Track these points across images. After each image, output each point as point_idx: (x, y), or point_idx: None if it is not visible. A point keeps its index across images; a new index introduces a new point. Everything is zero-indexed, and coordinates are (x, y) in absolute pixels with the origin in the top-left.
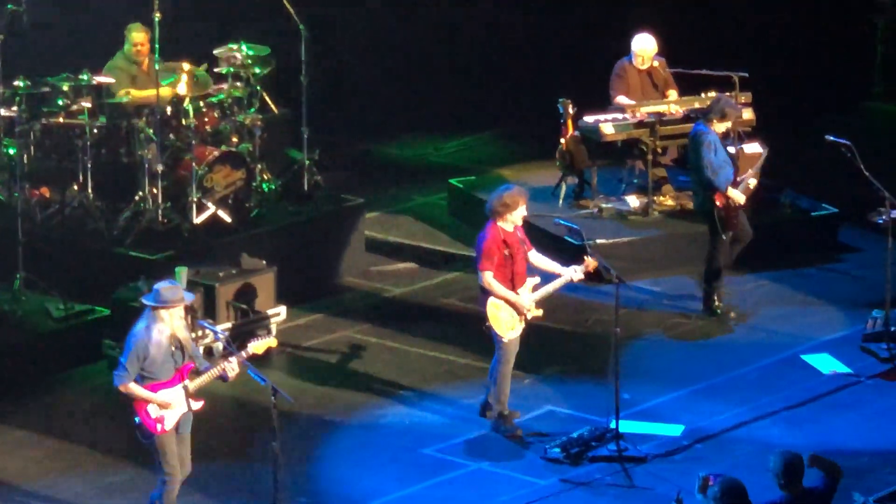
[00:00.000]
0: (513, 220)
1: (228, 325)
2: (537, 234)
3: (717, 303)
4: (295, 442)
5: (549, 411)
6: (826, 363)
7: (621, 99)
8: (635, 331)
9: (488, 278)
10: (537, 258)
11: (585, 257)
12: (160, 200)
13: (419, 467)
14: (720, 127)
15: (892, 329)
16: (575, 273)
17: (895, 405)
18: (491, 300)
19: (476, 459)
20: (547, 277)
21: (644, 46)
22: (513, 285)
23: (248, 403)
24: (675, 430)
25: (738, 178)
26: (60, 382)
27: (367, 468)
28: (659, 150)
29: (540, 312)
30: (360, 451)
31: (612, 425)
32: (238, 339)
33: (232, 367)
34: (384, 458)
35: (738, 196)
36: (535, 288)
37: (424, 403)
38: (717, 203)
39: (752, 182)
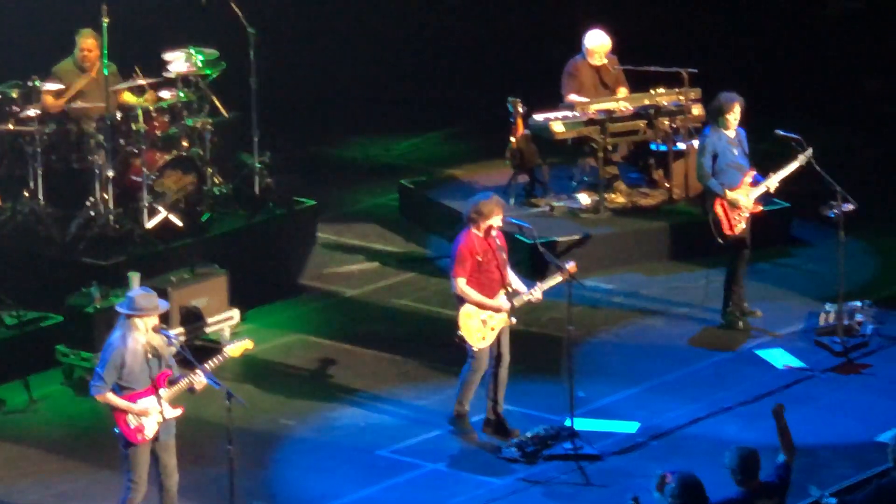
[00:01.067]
0: (488, 229)
1: (181, 329)
2: None
3: (729, 307)
4: (250, 445)
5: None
6: (780, 358)
7: (573, 97)
8: (589, 328)
9: (461, 285)
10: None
11: (562, 267)
12: (112, 206)
13: (374, 469)
14: (728, 123)
15: (846, 323)
16: (532, 294)
17: (849, 399)
18: (463, 309)
19: (432, 460)
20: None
21: (599, 43)
22: (486, 293)
23: (204, 408)
24: (630, 427)
25: (757, 179)
26: (14, 389)
27: (322, 470)
28: (609, 148)
29: (514, 321)
30: (315, 453)
31: (568, 423)
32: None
33: (199, 379)
34: (339, 460)
35: (735, 198)
36: (510, 296)
37: (379, 405)
38: (714, 207)
39: (773, 185)
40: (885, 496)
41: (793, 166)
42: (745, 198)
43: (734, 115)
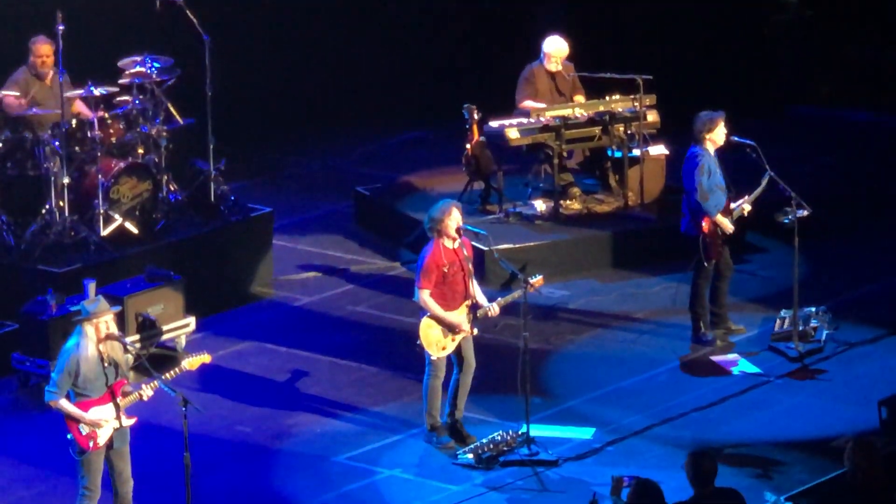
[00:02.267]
0: (450, 235)
1: (136, 337)
2: None
3: (703, 329)
4: (206, 453)
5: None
6: (735, 364)
7: (528, 103)
8: (544, 335)
9: (424, 297)
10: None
11: (531, 279)
12: (67, 213)
13: (331, 475)
14: (716, 140)
15: (801, 328)
16: (490, 308)
17: (804, 404)
18: (424, 319)
19: (388, 466)
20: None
21: (558, 48)
22: (450, 304)
23: (159, 415)
24: (585, 433)
25: (733, 205)
26: None
27: (278, 477)
28: (564, 154)
29: (475, 332)
30: (271, 460)
31: (524, 429)
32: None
33: (149, 389)
34: (296, 467)
35: (726, 224)
36: (473, 308)
37: (335, 412)
38: (704, 229)
39: (747, 208)
40: (838, 500)
41: (761, 187)
42: (730, 222)
43: (720, 132)
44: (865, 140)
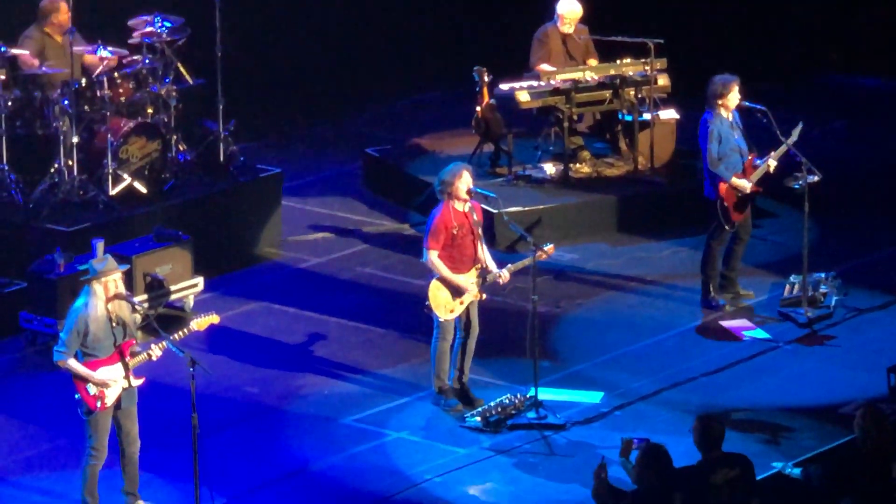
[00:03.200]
0: (460, 197)
1: (145, 297)
2: None
3: (712, 293)
4: (214, 413)
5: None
6: (745, 330)
7: (544, 66)
8: (553, 298)
9: (432, 257)
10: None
11: (544, 247)
12: (76, 172)
13: (338, 437)
14: (729, 105)
15: (810, 294)
16: (501, 275)
17: (813, 370)
18: (433, 281)
19: (395, 429)
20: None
21: (572, 9)
22: (459, 268)
23: (167, 375)
24: (594, 397)
25: (758, 161)
26: None
27: (286, 439)
28: (574, 118)
29: (484, 296)
30: (278, 421)
31: (531, 393)
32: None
33: (157, 349)
34: (303, 428)
35: (742, 185)
36: (482, 272)
37: (343, 373)
38: (721, 192)
39: (773, 164)
40: (848, 467)
41: (785, 146)
42: (748, 182)
43: (734, 96)
44: (876, 105)
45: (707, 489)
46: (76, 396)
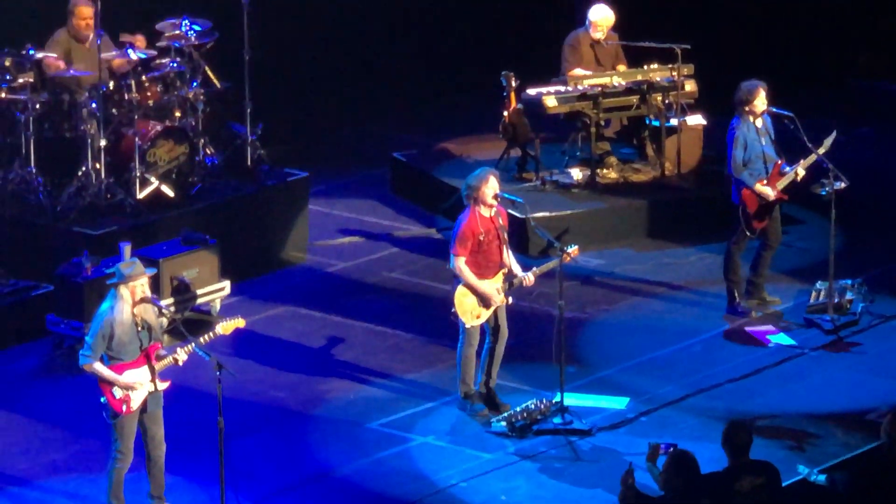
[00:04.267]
0: (486, 202)
1: (171, 300)
2: None
3: (737, 299)
4: (240, 417)
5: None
6: (771, 335)
7: (578, 71)
8: (579, 304)
9: (459, 264)
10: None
11: (568, 248)
12: (103, 176)
13: (364, 442)
14: (756, 111)
15: (836, 301)
16: (526, 278)
17: (839, 377)
18: (459, 287)
19: (421, 433)
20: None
21: (605, 16)
22: (485, 273)
23: (194, 379)
24: (619, 402)
25: (787, 168)
26: (4, 358)
27: (311, 443)
28: (602, 123)
29: (510, 301)
30: (305, 426)
31: (557, 398)
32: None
33: (183, 353)
34: (329, 432)
35: (766, 192)
36: (508, 277)
37: (369, 378)
38: (743, 198)
39: (801, 173)
40: (873, 473)
41: (816, 153)
42: (773, 190)
43: (761, 102)
44: None
45: (733, 496)
46: (102, 400)
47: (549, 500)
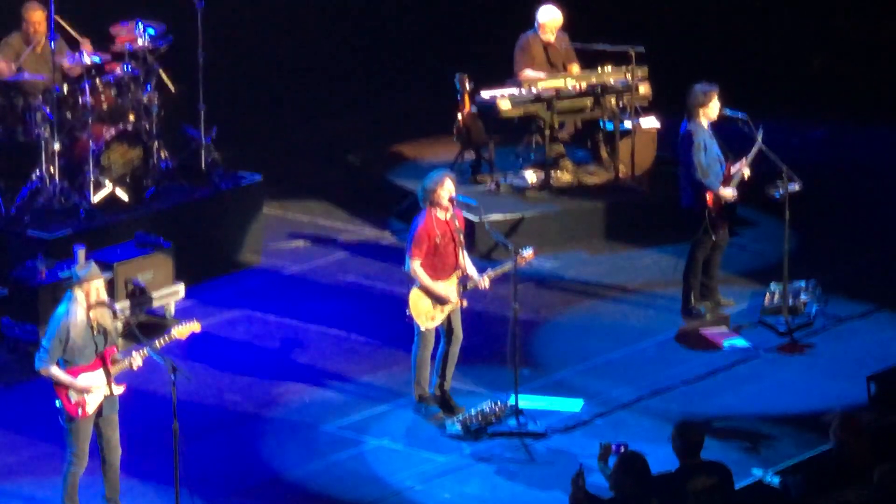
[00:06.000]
0: (442, 205)
1: (126, 303)
2: None
3: (693, 302)
4: (194, 421)
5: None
6: (725, 338)
7: (529, 72)
8: (534, 306)
9: (415, 266)
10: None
11: (523, 252)
12: (57, 179)
13: (319, 444)
14: (710, 115)
15: (790, 303)
16: (480, 281)
17: (793, 378)
18: (414, 289)
19: (376, 436)
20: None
21: (553, 17)
22: (440, 275)
23: (148, 382)
24: (574, 405)
25: (732, 171)
26: None
27: (265, 446)
28: (556, 126)
29: (465, 303)
30: (259, 429)
31: (512, 401)
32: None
33: (139, 357)
34: (284, 435)
35: (728, 193)
36: (463, 280)
37: (324, 381)
38: (708, 203)
39: (747, 172)
40: (823, 476)
41: (756, 148)
42: (732, 190)
43: (715, 105)
44: (856, 113)
45: (685, 497)
46: (57, 404)
47: (503, 502)
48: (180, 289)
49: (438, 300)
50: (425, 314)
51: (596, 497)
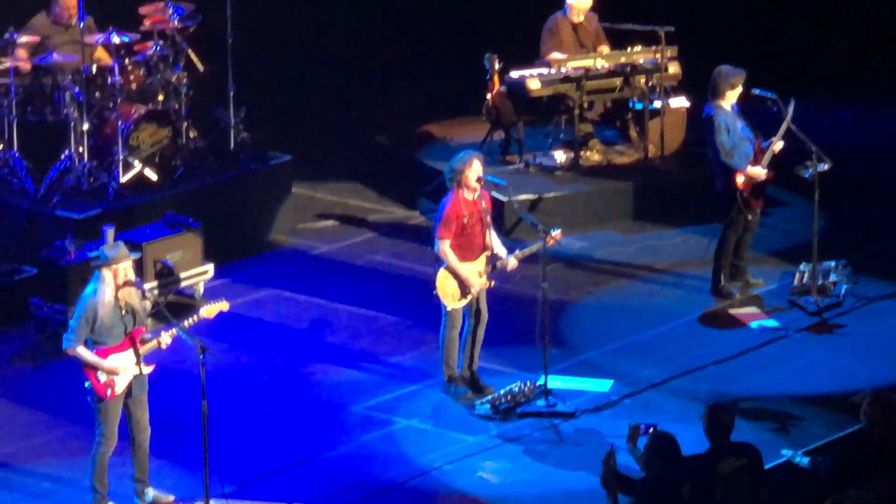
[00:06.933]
0: (470, 186)
1: (155, 283)
2: None
3: (723, 282)
4: (223, 401)
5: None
6: (754, 318)
7: (555, 55)
8: (563, 286)
9: (443, 247)
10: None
11: (552, 232)
12: (86, 159)
13: (348, 425)
14: (731, 98)
15: (820, 283)
16: (508, 262)
17: (822, 359)
18: (441, 270)
19: (405, 416)
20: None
21: None
22: (467, 256)
23: (178, 363)
24: (603, 385)
25: (763, 145)
26: None
27: (294, 426)
28: (585, 105)
29: (492, 283)
30: (287, 408)
31: (541, 381)
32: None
33: (167, 337)
34: (313, 416)
35: (757, 172)
36: (491, 260)
37: (353, 361)
38: (739, 185)
39: (779, 146)
40: (854, 457)
41: (786, 122)
42: (762, 168)
43: (738, 90)
44: (885, 93)
45: (715, 478)
46: (86, 384)
47: (532, 483)
48: (209, 269)
49: (465, 281)
50: (452, 295)
51: (627, 477)
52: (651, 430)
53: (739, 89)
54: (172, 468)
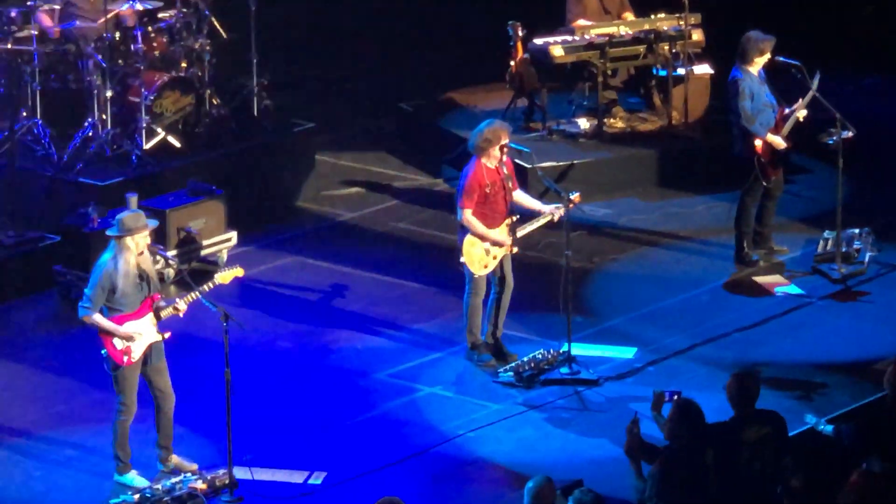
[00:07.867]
0: (492, 154)
1: (177, 251)
2: None
3: (746, 249)
4: (247, 368)
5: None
6: (778, 285)
7: (581, 22)
8: (586, 253)
9: (467, 216)
10: (520, 196)
11: (570, 195)
12: (109, 126)
13: (371, 392)
14: (759, 64)
15: (844, 250)
16: (556, 211)
17: (847, 326)
18: (467, 237)
19: (428, 384)
20: (528, 215)
21: None
22: (490, 223)
23: (200, 330)
24: (627, 352)
25: (787, 112)
26: (11, 309)
27: (318, 393)
28: (609, 73)
29: (515, 250)
30: (311, 377)
31: (565, 348)
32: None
33: (183, 303)
34: (336, 383)
35: (777, 142)
36: (513, 226)
37: (376, 328)
38: (758, 150)
39: (802, 114)
40: (877, 424)
41: (811, 92)
42: (782, 137)
43: (766, 56)
44: None
45: (739, 446)
46: (103, 352)
47: (556, 450)
48: (233, 236)
49: (494, 245)
50: (478, 261)
51: (651, 445)
52: (675, 397)
53: (767, 56)
54: (195, 435)
